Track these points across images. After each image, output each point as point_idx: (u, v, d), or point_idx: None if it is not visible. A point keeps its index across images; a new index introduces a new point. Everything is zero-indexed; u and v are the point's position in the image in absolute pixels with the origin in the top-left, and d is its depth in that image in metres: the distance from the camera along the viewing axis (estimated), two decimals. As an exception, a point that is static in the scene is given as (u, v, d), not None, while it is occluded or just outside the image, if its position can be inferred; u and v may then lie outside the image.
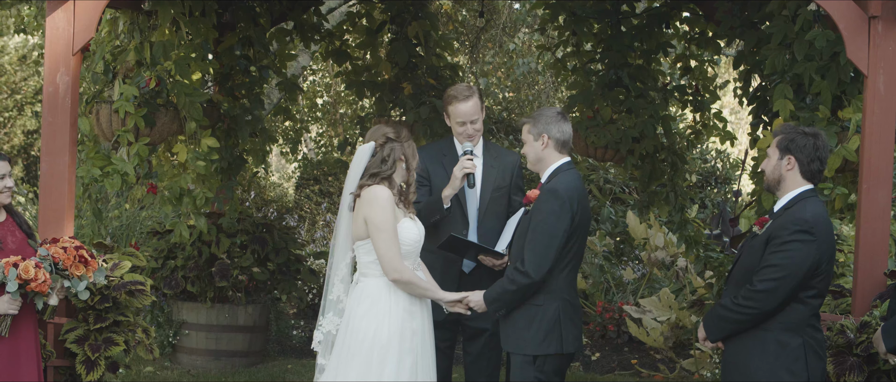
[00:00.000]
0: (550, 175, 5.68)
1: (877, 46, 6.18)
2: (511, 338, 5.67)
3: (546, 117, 5.70)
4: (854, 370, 5.67)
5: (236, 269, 9.41)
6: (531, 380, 5.60)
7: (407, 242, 5.52)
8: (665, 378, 9.89)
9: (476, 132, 6.37)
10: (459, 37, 16.83)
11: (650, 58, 9.31)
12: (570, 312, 5.63)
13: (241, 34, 8.99)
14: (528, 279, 5.49)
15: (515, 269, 5.54)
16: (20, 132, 18.33)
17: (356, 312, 5.50)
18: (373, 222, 5.43)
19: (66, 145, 6.69)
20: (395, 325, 5.43)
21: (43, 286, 5.62)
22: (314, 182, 16.48)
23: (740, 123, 21.52)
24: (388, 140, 5.56)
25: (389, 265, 5.44)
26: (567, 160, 5.72)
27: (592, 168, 14.43)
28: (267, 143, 9.45)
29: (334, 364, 5.54)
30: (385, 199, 5.46)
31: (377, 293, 5.49)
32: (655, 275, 11.81)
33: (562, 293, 5.60)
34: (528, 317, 5.58)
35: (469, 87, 6.38)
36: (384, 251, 5.43)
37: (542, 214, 5.54)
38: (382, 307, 5.46)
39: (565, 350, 5.59)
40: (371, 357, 5.39)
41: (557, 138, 5.69)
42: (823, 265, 5.05)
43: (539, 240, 5.50)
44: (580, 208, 5.58)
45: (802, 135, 5.17)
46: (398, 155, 5.55)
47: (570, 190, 5.55)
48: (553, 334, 5.56)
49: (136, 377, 9.00)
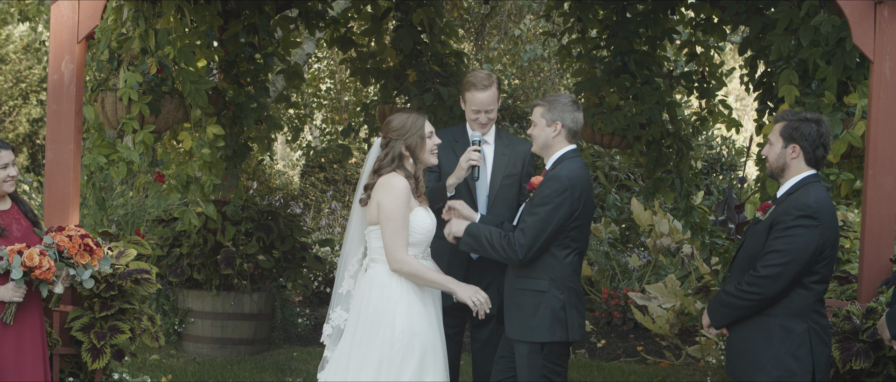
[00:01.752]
0: (556, 161, 5.68)
1: (883, 32, 6.15)
2: (516, 326, 5.67)
3: (562, 105, 5.69)
4: (860, 356, 5.66)
5: (241, 257, 9.42)
6: (539, 368, 5.60)
7: (419, 231, 5.51)
8: (670, 364, 9.89)
9: (489, 121, 6.35)
10: (464, 24, 16.81)
11: (656, 44, 9.29)
12: (575, 300, 5.64)
13: (246, 22, 8.98)
14: (514, 256, 5.52)
15: (507, 242, 5.54)
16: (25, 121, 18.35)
17: (368, 299, 5.48)
18: (384, 209, 5.42)
19: (71, 134, 6.69)
20: (410, 314, 5.42)
21: (47, 273, 5.63)
22: (319, 170, 16.49)
23: (746, 110, 21.48)
24: (391, 140, 5.55)
25: (391, 254, 5.43)
26: (573, 147, 5.71)
27: (598, 155, 14.41)
28: (272, 130, 9.45)
29: (346, 352, 5.50)
30: (400, 188, 5.45)
31: (387, 278, 5.48)
32: (661, 262, 11.80)
33: (566, 281, 5.60)
34: (534, 304, 5.58)
35: (489, 75, 6.32)
36: (389, 239, 5.43)
37: (541, 198, 5.55)
38: (394, 293, 5.45)
39: (571, 337, 5.60)
40: (388, 347, 5.37)
41: (570, 127, 5.69)
42: (827, 250, 5.04)
43: (533, 224, 5.51)
44: (583, 196, 5.58)
45: (806, 122, 5.15)
46: (398, 151, 5.54)
47: (573, 178, 5.55)
48: (559, 321, 5.57)
49: (141, 364, 9.01)
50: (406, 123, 5.59)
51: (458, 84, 9.51)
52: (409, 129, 5.58)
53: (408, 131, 5.57)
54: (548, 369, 5.62)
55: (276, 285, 10.11)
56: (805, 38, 7.05)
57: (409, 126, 5.59)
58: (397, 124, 5.59)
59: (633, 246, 13.02)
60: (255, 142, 9.33)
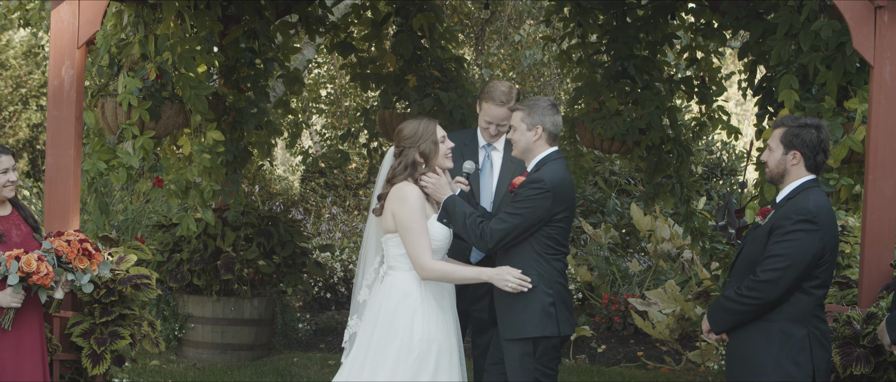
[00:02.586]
0: (538, 164, 5.69)
1: (883, 36, 6.15)
2: (508, 324, 5.66)
3: (541, 109, 5.70)
4: (860, 361, 5.65)
5: (241, 262, 9.41)
6: (531, 370, 5.60)
7: (437, 238, 5.51)
8: (671, 370, 9.88)
9: (499, 134, 6.32)
10: (464, 29, 16.81)
11: (656, 49, 9.29)
12: (564, 295, 5.68)
13: (247, 27, 8.98)
14: (483, 244, 5.54)
15: (481, 230, 5.53)
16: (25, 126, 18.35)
17: (386, 307, 5.47)
18: (401, 221, 5.41)
19: (71, 139, 6.69)
20: (427, 320, 5.42)
21: (45, 279, 5.62)
22: (320, 175, 16.48)
23: (746, 114, 21.48)
24: (404, 148, 5.54)
25: (419, 263, 5.41)
26: (555, 150, 5.73)
27: (598, 160, 14.41)
28: (272, 136, 9.45)
29: (361, 356, 5.49)
30: (413, 197, 5.44)
31: (408, 286, 5.48)
32: (661, 267, 11.80)
33: (554, 278, 5.62)
34: (524, 301, 5.59)
35: (510, 90, 6.22)
36: (412, 249, 5.41)
37: (522, 197, 5.57)
38: (413, 301, 5.45)
39: (561, 332, 5.62)
40: (405, 354, 5.37)
41: (550, 131, 5.70)
42: (827, 254, 5.04)
43: (509, 219, 5.53)
44: (564, 200, 5.60)
45: (806, 128, 5.15)
46: (412, 158, 5.53)
47: (555, 181, 5.57)
48: (549, 316, 5.59)
49: (141, 370, 9.01)
50: (418, 129, 5.57)
51: (458, 89, 9.53)
52: (421, 135, 5.57)
53: (420, 138, 5.56)
54: (540, 371, 5.62)
55: (277, 290, 10.10)
56: (805, 43, 7.04)
57: (422, 132, 5.57)
58: (409, 132, 5.57)
59: (633, 251, 13.02)
60: (256, 147, 9.33)
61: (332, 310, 11.77)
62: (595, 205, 14.10)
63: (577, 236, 13.63)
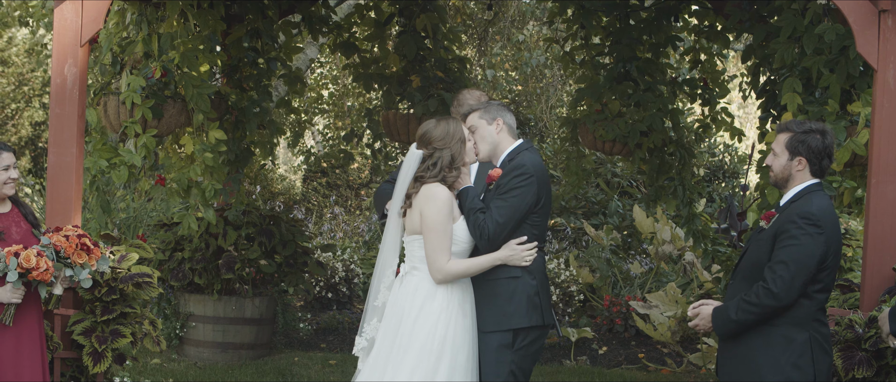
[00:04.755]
0: (511, 154, 5.65)
1: (886, 40, 6.15)
2: (492, 316, 5.55)
3: (494, 106, 5.73)
4: (862, 364, 5.64)
5: (242, 262, 9.41)
6: (507, 363, 5.54)
7: (462, 240, 5.48)
8: (672, 372, 9.88)
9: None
10: (468, 29, 16.81)
11: (659, 51, 9.29)
12: (546, 285, 5.67)
13: (249, 26, 8.98)
14: (483, 241, 5.49)
15: (480, 226, 5.49)
16: (28, 124, 18.37)
17: (410, 306, 5.44)
18: (427, 219, 5.38)
19: (73, 137, 6.69)
20: (450, 323, 5.40)
21: (45, 274, 5.62)
22: (322, 175, 16.49)
23: (748, 117, 21.48)
24: (436, 150, 5.51)
25: (433, 265, 5.40)
26: (525, 140, 5.72)
27: (601, 161, 14.41)
28: (274, 135, 9.45)
29: (382, 359, 5.46)
30: (444, 199, 5.41)
31: (432, 287, 5.45)
32: (662, 269, 11.79)
33: (537, 266, 5.58)
34: (509, 291, 5.54)
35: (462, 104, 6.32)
36: (430, 250, 5.40)
37: (508, 185, 5.51)
38: (440, 303, 5.43)
39: (546, 321, 5.59)
40: (427, 355, 5.34)
41: (509, 124, 5.71)
42: (830, 258, 5.03)
43: (504, 207, 5.48)
44: (545, 186, 5.59)
45: (811, 133, 5.12)
46: (448, 160, 5.50)
47: (536, 166, 5.55)
48: (534, 306, 5.55)
49: (142, 369, 9.01)
50: (448, 130, 5.52)
51: (461, 89, 9.52)
52: (452, 135, 5.52)
53: (451, 138, 5.51)
54: (515, 364, 5.55)
55: (278, 290, 10.10)
56: (809, 47, 7.04)
57: (452, 132, 5.53)
58: (440, 134, 5.52)
59: (634, 253, 13.01)
60: (258, 146, 9.33)
61: (334, 310, 11.77)
62: (597, 206, 14.09)
63: (579, 238, 13.63)
